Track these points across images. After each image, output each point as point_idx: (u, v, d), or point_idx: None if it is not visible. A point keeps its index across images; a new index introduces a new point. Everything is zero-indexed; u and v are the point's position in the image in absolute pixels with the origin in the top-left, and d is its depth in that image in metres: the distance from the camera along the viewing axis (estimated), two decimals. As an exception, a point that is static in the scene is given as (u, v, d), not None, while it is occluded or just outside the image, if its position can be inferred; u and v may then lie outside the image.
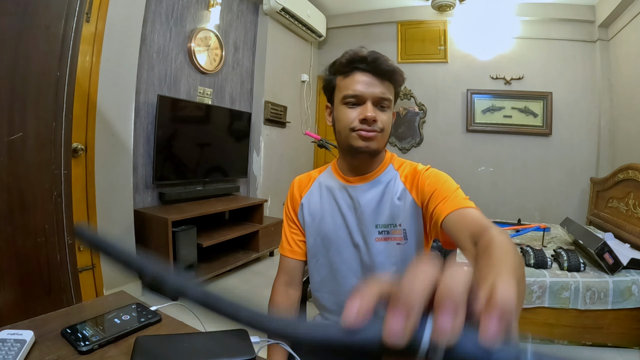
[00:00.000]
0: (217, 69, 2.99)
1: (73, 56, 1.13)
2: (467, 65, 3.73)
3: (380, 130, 0.78)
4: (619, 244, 2.16)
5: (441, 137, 3.77)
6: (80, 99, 1.76)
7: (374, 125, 0.77)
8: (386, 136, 0.81)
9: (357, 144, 0.79)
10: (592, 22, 3.34)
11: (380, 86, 0.77)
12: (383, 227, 0.81)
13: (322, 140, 2.38)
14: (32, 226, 1.06)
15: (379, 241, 0.81)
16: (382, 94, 0.77)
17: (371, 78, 0.77)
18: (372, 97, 0.77)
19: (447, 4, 3.46)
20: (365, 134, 0.77)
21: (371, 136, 0.77)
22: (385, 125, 0.79)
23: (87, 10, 1.78)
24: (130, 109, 2.18)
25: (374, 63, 0.77)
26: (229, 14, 3.12)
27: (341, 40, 4.26)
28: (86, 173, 1.88)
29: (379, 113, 0.78)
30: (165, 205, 2.54)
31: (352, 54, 0.79)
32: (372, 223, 0.82)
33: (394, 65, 0.79)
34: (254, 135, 3.43)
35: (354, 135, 0.78)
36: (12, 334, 0.58)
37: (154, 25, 2.44)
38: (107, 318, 0.69)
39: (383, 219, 0.81)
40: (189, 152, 2.72)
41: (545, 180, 3.54)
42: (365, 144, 0.78)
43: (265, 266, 2.99)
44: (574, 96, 3.45)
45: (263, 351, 0.60)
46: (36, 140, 1.06)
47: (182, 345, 0.56)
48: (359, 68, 0.78)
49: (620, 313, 1.76)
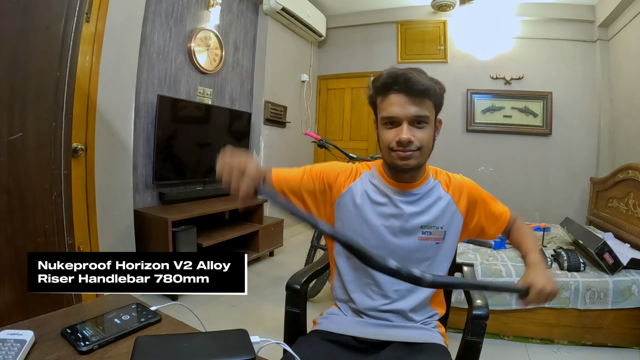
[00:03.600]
0: (217, 69, 2.99)
1: (73, 56, 1.13)
2: (467, 65, 3.73)
3: (417, 148, 0.81)
4: (619, 244, 2.16)
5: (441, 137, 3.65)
6: (80, 99, 1.76)
7: (410, 145, 0.81)
8: (426, 152, 0.84)
9: (396, 162, 0.84)
10: (592, 22, 3.34)
11: (414, 106, 0.79)
12: (427, 228, 0.88)
13: (322, 140, 2.38)
14: (32, 226, 1.06)
15: (421, 240, 0.87)
16: (417, 112, 0.79)
17: (405, 98, 0.79)
18: (407, 117, 0.80)
19: (447, 4, 3.47)
20: (402, 154, 0.82)
21: (408, 155, 0.82)
22: (423, 143, 0.82)
23: (87, 10, 1.78)
24: (130, 109, 2.18)
25: (407, 84, 0.78)
26: (229, 14, 3.12)
27: (341, 40, 4.26)
28: (86, 173, 1.88)
29: (415, 131, 0.81)
30: (165, 205, 2.54)
31: (385, 77, 0.81)
32: (418, 223, 0.87)
33: (427, 84, 0.79)
34: (254, 135, 3.43)
35: (393, 155, 0.83)
36: (12, 334, 0.58)
37: (154, 25, 2.44)
38: (107, 318, 0.69)
39: (428, 220, 0.88)
40: (189, 152, 2.72)
41: (545, 180, 3.54)
42: (403, 162, 0.83)
43: (265, 266, 2.99)
44: (574, 96, 3.45)
45: (263, 351, 0.60)
46: (36, 140, 1.06)
47: (182, 345, 0.56)
48: (394, 89, 0.80)
49: (620, 313, 1.76)
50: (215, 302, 2.27)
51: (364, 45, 4.12)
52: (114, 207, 2.12)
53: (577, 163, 3.45)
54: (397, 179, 0.88)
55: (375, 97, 0.86)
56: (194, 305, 0.87)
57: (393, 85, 0.80)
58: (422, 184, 0.89)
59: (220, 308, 2.19)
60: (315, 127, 4.42)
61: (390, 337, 0.84)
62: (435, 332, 0.89)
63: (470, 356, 0.84)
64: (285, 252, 3.34)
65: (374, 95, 0.86)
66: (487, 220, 0.93)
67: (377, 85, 0.83)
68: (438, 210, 0.88)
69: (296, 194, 0.92)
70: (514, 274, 1.83)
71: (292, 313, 0.96)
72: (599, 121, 3.36)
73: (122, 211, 2.18)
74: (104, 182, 2.01)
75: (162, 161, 2.49)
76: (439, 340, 0.87)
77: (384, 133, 0.84)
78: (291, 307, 0.96)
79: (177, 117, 2.58)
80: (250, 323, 2.02)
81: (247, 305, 2.25)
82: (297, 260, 2.95)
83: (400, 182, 0.89)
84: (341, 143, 4.05)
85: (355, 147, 4.08)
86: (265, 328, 1.97)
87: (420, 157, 0.83)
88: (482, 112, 3.69)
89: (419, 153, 0.82)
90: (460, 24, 3.74)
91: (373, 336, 0.85)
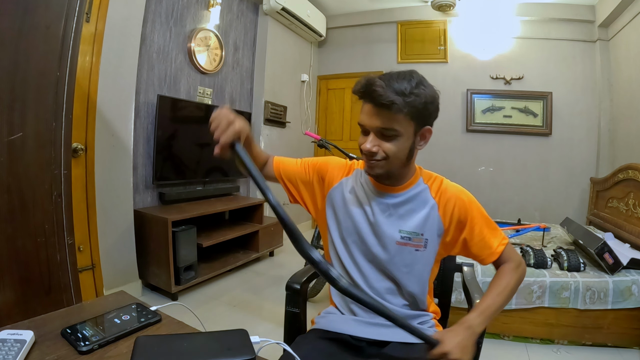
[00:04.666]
0: (217, 69, 2.99)
1: (73, 56, 1.13)
2: (467, 65, 3.73)
3: (382, 158, 0.80)
4: (619, 244, 2.16)
5: (441, 137, 3.77)
6: (80, 99, 1.76)
7: (374, 156, 0.80)
8: (395, 161, 0.81)
9: (365, 167, 0.85)
10: (592, 22, 3.34)
11: (380, 118, 0.77)
12: (406, 234, 0.86)
13: (322, 140, 2.38)
14: (32, 226, 1.06)
15: (399, 245, 0.86)
16: (382, 124, 0.77)
17: (374, 109, 0.77)
18: (373, 128, 0.79)
19: (447, 3, 3.47)
20: (367, 162, 0.83)
21: (372, 164, 0.82)
22: (390, 154, 0.79)
23: (87, 10, 1.78)
24: (130, 109, 2.18)
25: (372, 95, 0.76)
26: (229, 13, 3.12)
27: (341, 40, 4.26)
28: (86, 173, 1.88)
29: (382, 143, 0.79)
30: (165, 205, 2.54)
31: (361, 84, 0.79)
32: (397, 228, 0.86)
33: (391, 97, 0.73)
34: (253, 135, 3.42)
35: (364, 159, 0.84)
36: (12, 334, 0.58)
37: (154, 25, 2.44)
38: (107, 318, 0.69)
39: (408, 226, 0.86)
40: (189, 152, 2.72)
41: (545, 180, 3.54)
42: (368, 169, 0.84)
43: (265, 266, 2.99)
44: (574, 96, 3.45)
45: (263, 351, 0.60)
46: (36, 140, 1.06)
47: (182, 345, 0.56)
48: (365, 98, 0.79)
49: (620, 313, 1.76)
50: (215, 302, 2.27)
51: (364, 45, 4.12)
52: (114, 207, 2.12)
53: (577, 163, 3.45)
54: (379, 181, 0.89)
55: None
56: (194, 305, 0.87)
57: (364, 95, 0.79)
58: (406, 188, 0.88)
59: (220, 308, 2.19)
60: (315, 127, 4.42)
61: (387, 336, 0.84)
62: (432, 332, 0.89)
63: (470, 356, 0.83)
64: (285, 252, 3.34)
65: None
66: (474, 242, 0.86)
67: (354, 92, 0.82)
68: (420, 216, 0.86)
69: (292, 182, 0.99)
70: (514, 274, 1.83)
71: (292, 313, 0.96)
72: (599, 121, 3.36)
73: (122, 211, 2.18)
74: (104, 182, 2.01)
75: (162, 161, 2.49)
76: None
77: (360, 138, 0.84)
78: (291, 307, 0.96)
79: (177, 117, 2.58)
80: (250, 323, 2.02)
81: (247, 305, 2.25)
82: (297, 260, 2.95)
83: (381, 184, 0.89)
84: (341, 143, 4.06)
85: (355, 147, 4.05)
86: (265, 328, 1.97)
87: (386, 165, 0.81)
88: (482, 112, 3.69)
89: (385, 162, 0.80)
90: (460, 24, 3.74)
91: (370, 335, 0.85)
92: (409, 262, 0.86)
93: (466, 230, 0.86)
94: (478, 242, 0.86)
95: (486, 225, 0.87)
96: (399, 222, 0.86)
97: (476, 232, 0.85)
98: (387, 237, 0.86)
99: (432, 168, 0.95)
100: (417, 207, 0.86)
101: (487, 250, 0.86)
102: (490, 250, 0.86)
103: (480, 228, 0.86)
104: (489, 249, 0.86)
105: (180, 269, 2.21)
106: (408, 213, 0.86)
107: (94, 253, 1.91)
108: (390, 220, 0.86)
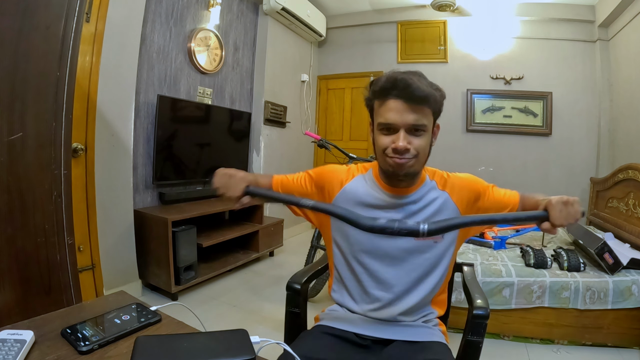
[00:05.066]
0: (217, 69, 2.99)
1: (73, 56, 1.13)
2: (467, 65, 3.73)
3: (413, 156, 0.79)
4: (619, 244, 2.16)
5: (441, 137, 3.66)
6: (80, 99, 1.76)
7: (406, 153, 0.78)
8: (422, 159, 0.82)
9: (391, 169, 0.82)
10: (592, 22, 3.34)
11: (413, 113, 0.77)
12: None
13: (322, 140, 2.38)
14: (32, 226, 1.06)
15: (418, 240, 0.85)
16: (415, 121, 0.77)
17: (404, 105, 0.76)
18: (405, 125, 0.77)
19: (447, 4, 3.46)
20: (398, 161, 0.80)
21: (404, 162, 0.79)
22: (420, 150, 0.80)
23: (87, 10, 1.78)
24: (130, 109, 2.18)
25: (406, 90, 0.75)
26: (229, 13, 3.12)
27: (341, 40, 4.26)
28: (86, 173, 1.88)
29: (412, 139, 0.78)
30: (165, 205, 2.54)
31: (384, 81, 0.79)
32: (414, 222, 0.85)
33: (427, 90, 0.76)
34: (253, 135, 3.43)
35: (388, 160, 0.81)
36: (12, 334, 0.58)
37: (154, 25, 2.44)
38: (107, 318, 0.69)
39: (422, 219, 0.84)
40: (189, 152, 2.72)
41: (545, 180, 3.54)
42: (397, 169, 0.81)
43: (265, 266, 2.99)
44: (573, 96, 3.45)
45: (263, 351, 0.60)
46: (36, 141, 1.06)
47: (182, 345, 0.56)
48: (392, 94, 0.77)
49: (620, 313, 1.76)
50: (215, 302, 2.27)
51: (364, 45, 4.12)
52: (114, 207, 2.12)
53: (577, 163, 3.45)
54: (393, 184, 0.87)
55: (372, 101, 0.84)
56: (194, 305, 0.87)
57: (392, 90, 0.77)
58: (418, 187, 0.88)
59: (220, 308, 2.19)
60: (315, 127, 4.42)
61: (392, 335, 0.85)
62: (436, 330, 0.89)
63: (471, 356, 0.84)
64: (285, 252, 3.34)
65: (371, 98, 0.84)
66: (495, 207, 0.90)
67: (376, 89, 0.81)
68: (434, 208, 0.87)
69: None
70: (514, 274, 1.83)
71: (292, 313, 0.96)
72: (599, 121, 3.36)
73: (122, 211, 2.18)
74: (104, 182, 2.01)
75: (162, 161, 2.49)
76: (441, 339, 0.88)
77: (380, 138, 0.82)
78: (291, 307, 0.96)
79: (177, 117, 2.58)
80: (250, 323, 2.02)
81: (247, 305, 2.25)
82: (297, 260, 2.96)
83: (396, 187, 0.87)
84: (341, 143, 4.05)
85: (355, 147, 4.08)
86: (265, 328, 1.97)
87: (416, 164, 0.81)
88: (482, 112, 3.69)
89: (415, 160, 0.80)
90: (460, 23, 3.74)
91: (374, 334, 0.85)
92: (429, 256, 0.87)
93: (481, 201, 0.90)
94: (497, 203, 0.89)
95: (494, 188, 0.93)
96: (416, 217, 0.86)
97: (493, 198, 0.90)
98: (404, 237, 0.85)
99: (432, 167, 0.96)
100: (431, 201, 0.87)
101: (510, 201, 0.89)
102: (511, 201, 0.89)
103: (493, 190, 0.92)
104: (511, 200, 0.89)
105: (180, 269, 2.21)
106: (424, 208, 0.87)
107: (94, 253, 1.91)
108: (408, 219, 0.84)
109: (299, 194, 0.94)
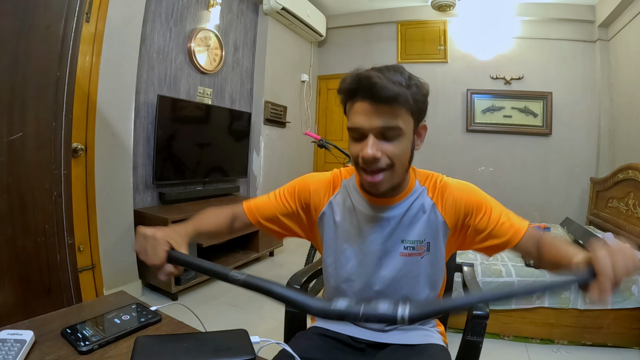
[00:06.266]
0: (217, 69, 2.99)
1: (73, 56, 1.13)
2: (467, 65, 3.73)
3: (386, 166, 0.68)
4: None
5: (441, 137, 3.77)
6: (80, 99, 1.76)
7: (377, 163, 0.68)
8: (400, 168, 0.71)
9: (364, 183, 0.73)
10: (592, 22, 3.34)
11: (382, 116, 0.66)
12: (410, 244, 0.79)
13: (322, 140, 2.38)
14: (32, 226, 1.06)
15: (403, 256, 0.79)
16: (384, 123, 0.66)
17: (371, 107, 0.66)
18: (373, 129, 0.67)
19: (447, 3, 3.47)
20: (370, 180, 0.70)
21: (376, 179, 0.69)
22: (394, 157, 0.68)
23: (87, 10, 1.78)
24: (130, 109, 2.18)
25: (372, 90, 0.64)
26: (229, 13, 3.12)
27: (341, 40, 4.26)
28: (86, 173, 1.88)
29: (384, 146, 0.67)
30: (165, 205, 2.54)
31: (349, 81, 0.68)
32: (399, 239, 0.79)
33: (395, 89, 0.64)
34: (253, 135, 3.43)
35: (361, 172, 0.71)
36: (12, 334, 0.58)
37: (154, 25, 2.44)
38: (107, 318, 0.69)
39: (411, 236, 0.79)
40: (189, 152, 2.72)
41: (545, 180, 3.54)
42: (371, 189, 0.74)
43: (265, 266, 2.99)
44: (574, 96, 3.45)
45: (263, 351, 0.60)
46: (36, 140, 1.06)
47: (182, 345, 0.56)
48: (359, 95, 0.67)
49: (620, 313, 1.76)
50: (215, 302, 2.27)
51: (364, 45, 4.12)
52: (114, 207, 2.12)
53: (577, 163, 3.45)
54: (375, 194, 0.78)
55: (345, 103, 0.73)
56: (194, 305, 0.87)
57: (357, 91, 0.67)
58: (404, 196, 0.79)
59: (220, 308, 2.19)
60: (315, 127, 4.42)
61: (387, 339, 0.84)
62: (434, 332, 0.88)
63: (471, 356, 0.83)
64: (285, 252, 3.33)
65: (344, 100, 0.73)
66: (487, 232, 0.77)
67: (342, 91, 0.71)
68: (422, 222, 0.78)
69: (273, 221, 0.86)
70: (514, 274, 1.83)
71: (292, 313, 0.96)
72: (599, 121, 3.36)
73: (122, 211, 2.18)
74: (104, 182, 2.01)
75: (162, 161, 2.49)
76: (438, 341, 0.86)
77: (351, 146, 0.71)
78: (291, 307, 0.96)
79: (177, 117, 2.58)
80: (250, 323, 2.02)
81: (247, 305, 2.25)
82: (297, 260, 2.95)
83: (377, 198, 0.78)
84: (341, 143, 4.05)
85: (355, 147, 4.07)
86: (265, 328, 1.97)
87: (393, 176, 0.71)
88: (482, 112, 3.69)
89: (390, 172, 0.70)
90: (461, 24, 3.74)
91: (369, 337, 0.84)
92: (417, 272, 0.80)
93: (473, 218, 0.77)
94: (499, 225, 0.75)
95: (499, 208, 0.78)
96: (402, 233, 0.79)
97: (493, 216, 0.76)
98: (392, 252, 0.79)
99: (432, 168, 0.92)
100: (418, 212, 0.79)
101: (511, 229, 0.75)
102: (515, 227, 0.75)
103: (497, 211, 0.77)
104: (513, 227, 0.75)
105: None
106: (410, 222, 0.78)
107: (94, 253, 1.91)
108: (394, 235, 0.79)
109: (282, 214, 0.85)
